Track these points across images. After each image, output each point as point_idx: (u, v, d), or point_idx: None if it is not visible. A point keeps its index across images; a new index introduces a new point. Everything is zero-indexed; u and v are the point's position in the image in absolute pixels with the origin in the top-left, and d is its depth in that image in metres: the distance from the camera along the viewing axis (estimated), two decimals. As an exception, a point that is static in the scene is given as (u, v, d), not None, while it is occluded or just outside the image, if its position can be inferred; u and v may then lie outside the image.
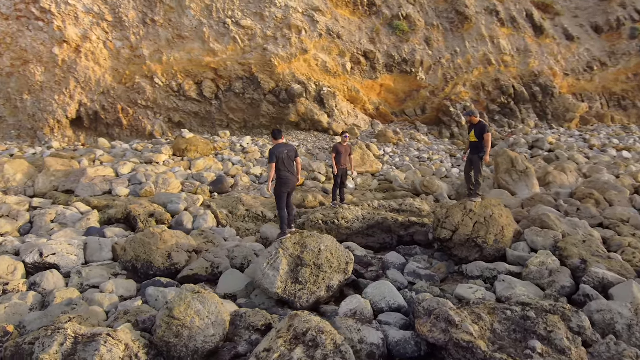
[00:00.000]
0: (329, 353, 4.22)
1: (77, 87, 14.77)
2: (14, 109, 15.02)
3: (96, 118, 15.22)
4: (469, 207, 7.21)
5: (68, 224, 8.08)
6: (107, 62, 14.99)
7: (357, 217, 8.49)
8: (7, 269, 6.02)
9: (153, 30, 15.03)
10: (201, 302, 4.94)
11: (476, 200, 7.37)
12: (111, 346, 4.11)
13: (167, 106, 15.39)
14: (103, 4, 14.60)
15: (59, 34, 14.29)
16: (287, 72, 15.37)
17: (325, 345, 4.40)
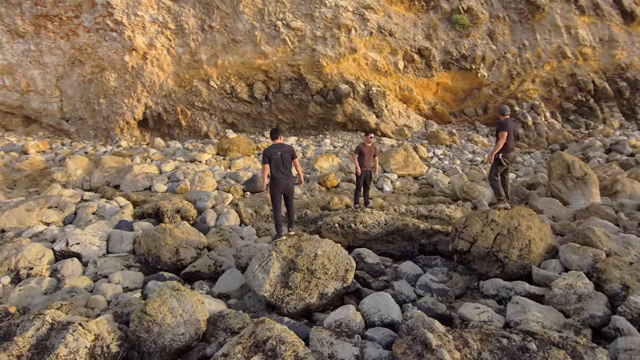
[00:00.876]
0: (283, 365, 4.02)
1: (143, 91, 16.08)
2: (92, 112, 16.80)
3: (159, 119, 16.44)
4: (491, 216, 6.46)
5: (105, 217, 8.78)
6: (170, 67, 16.10)
7: (378, 222, 8.07)
8: (36, 255, 6.68)
9: (210, 36, 15.82)
10: (177, 300, 5.00)
11: (500, 208, 6.58)
12: (78, 335, 4.32)
13: (221, 107, 16.11)
14: (167, 13, 15.71)
15: (129, 43, 15.67)
16: (335, 72, 15.22)
17: (284, 356, 4.21)
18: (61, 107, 17.35)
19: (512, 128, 6.83)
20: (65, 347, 4.18)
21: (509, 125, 6.80)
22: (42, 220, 8.38)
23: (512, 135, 6.80)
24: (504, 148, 6.82)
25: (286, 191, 6.40)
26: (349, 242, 7.92)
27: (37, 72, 17.12)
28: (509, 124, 6.81)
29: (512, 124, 6.86)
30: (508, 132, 6.73)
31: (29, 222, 8.14)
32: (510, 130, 6.76)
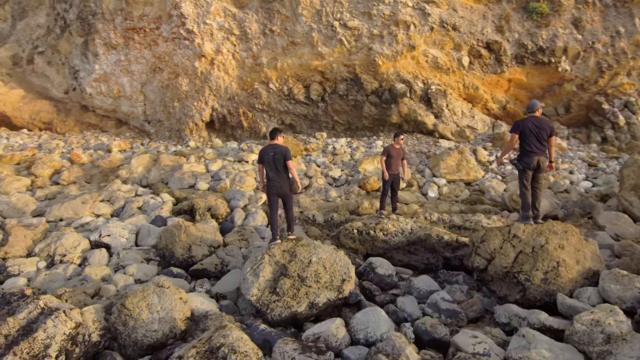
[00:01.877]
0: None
1: (210, 95, 17.10)
2: (168, 114, 18.31)
3: (224, 121, 17.33)
4: (513, 231, 5.59)
5: (147, 211, 9.45)
6: (235, 71, 16.88)
7: (401, 231, 7.52)
8: (72, 244, 7.40)
9: (271, 40, 16.24)
10: (158, 296, 5.14)
11: (527, 223, 5.66)
12: (59, 322, 4.64)
13: (279, 109, 16.45)
14: (232, 20, 16.48)
15: (198, 50, 16.77)
16: (391, 71, 14.61)
17: (233, 365, 4.07)
18: (144, 111, 19.21)
19: (532, 128, 5.86)
20: (43, 331, 4.51)
21: (525, 125, 5.88)
22: (93, 212, 9.30)
23: (531, 136, 5.83)
24: (522, 152, 5.90)
25: (280, 194, 6.24)
26: (366, 250, 7.50)
27: (126, 80, 19.15)
28: (526, 124, 5.89)
29: (531, 124, 5.90)
30: (523, 133, 5.81)
31: (82, 213, 9.09)
32: (527, 131, 5.82)
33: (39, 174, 12.82)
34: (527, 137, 5.94)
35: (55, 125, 20.69)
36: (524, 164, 5.99)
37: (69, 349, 4.71)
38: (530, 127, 5.94)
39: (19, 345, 4.34)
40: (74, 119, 20.94)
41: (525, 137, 5.95)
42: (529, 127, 5.93)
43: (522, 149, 6.10)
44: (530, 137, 5.91)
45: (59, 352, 4.51)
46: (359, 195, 10.50)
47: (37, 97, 21.82)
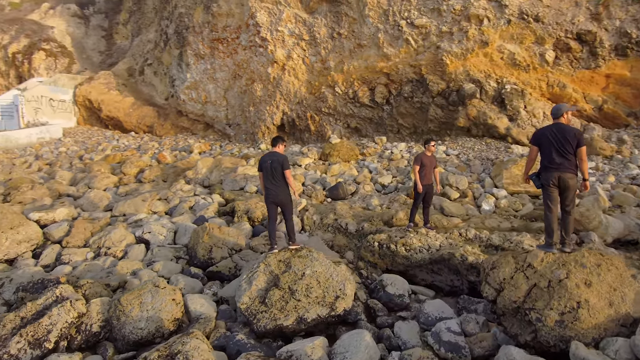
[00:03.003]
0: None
1: (281, 99, 17.68)
2: (245, 118, 19.40)
3: (294, 124, 17.77)
4: (529, 259, 4.73)
5: (197, 211, 10.11)
6: (304, 75, 17.21)
7: (427, 247, 6.92)
8: (119, 238, 8.23)
9: (339, 43, 16.19)
10: (152, 296, 5.46)
11: (549, 251, 4.75)
12: (63, 310, 5.19)
13: (345, 112, 16.31)
14: (302, 25, 16.82)
15: (271, 56, 17.46)
16: (459, 71, 13.49)
17: (185, 373, 4.15)
18: (226, 115, 20.62)
19: (552, 138, 4.87)
20: (48, 318, 5.08)
21: (544, 135, 4.89)
22: (150, 209, 10.24)
23: (550, 148, 4.84)
24: (541, 167, 4.94)
25: (277, 202, 6.15)
26: (386, 265, 7.05)
27: (211, 86, 20.78)
28: (545, 134, 4.90)
29: (552, 133, 4.90)
30: (541, 145, 4.84)
31: (140, 210, 10.08)
32: (546, 141, 4.85)
33: (127, 172, 14.55)
34: (545, 149, 4.98)
35: (156, 129, 23.30)
36: (543, 180, 5.03)
37: (73, 336, 5.25)
38: (550, 137, 4.96)
39: (26, 328, 4.96)
40: (171, 122, 23.34)
41: (544, 149, 5.00)
42: (547, 137, 4.96)
43: (541, 163, 5.14)
44: (549, 149, 4.94)
45: (59, 338, 5.04)
46: (403, 205, 9.90)
47: (143, 104, 24.84)
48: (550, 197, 4.99)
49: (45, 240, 8.45)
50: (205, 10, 19.89)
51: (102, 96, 25.02)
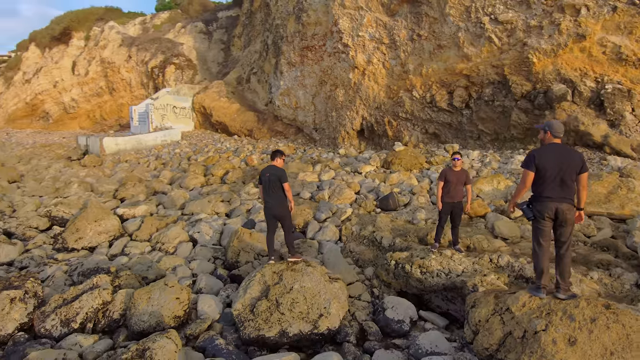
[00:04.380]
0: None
1: (360, 104, 17.65)
2: (328, 123, 19.83)
3: (372, 129, 17.58)
4: (509, 302, 4.05)
5: (251, 214, 10.78)
6: (384, 80, 16.91)
7: (447, 271, 6.40)
8: (174, 235, 9.26)
9: (418, 45, 15.52)
10: (160, 292, 6.11)
11: (536, 295, 4.00)
12: (90, 297, 6.13)
13: (422, 117, 15.55)
14: (383, 29, 16.54)
15: (352, 62, 17.56)
16: (548, 70, 11.78)
17: (150, 368, 4.63)
18: (314, 120, 21.34)
19: (554, 163, 4.01)
20: (79, 302, 6.07)
21: (544, 158, 4.04)
22: (214, 210, 11.24)
23: (551, 175, 4.01)
24: (535, 195, 4.11)
25: (275, 215, 6.26)
26: (400, 286, 6.69)
27: (301, 92, 21.71)
28: (545, 156, 4.05)
29: (553, 156, 4.03)
30: (539, 170, 4.01)
31: (205, 210, 11.14)
32: (545, 166, 4.01)
33: (214, 173, 16.14)
34: (544, 175, 4.14)
35: (254, 132, 25.22)
36: (536, 211, 4.20)
37: (99, 320, 6.17)
38: (551, 162, 4.11)
39: (61, 308, 5.99)
40: (268, 127, 25.02)
41: (542, 175, 4.15)
42: (548, 162, 4.12)
43: (535, 191, 4.28)
44: (549, 175, 4.11)
45: (85, 320, 5.98)
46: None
47: (247, 110, 27.09)
48: (542, 232, 4.20)
49: (122, 233, 9.94)
50: (297, 20, 20.85)
51: (213, 103, 28.02)
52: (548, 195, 4.13)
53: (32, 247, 9.30)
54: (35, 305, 6.23)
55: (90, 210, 9.76)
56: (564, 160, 4.14)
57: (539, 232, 4.22)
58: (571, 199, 4.17)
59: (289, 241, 6.44)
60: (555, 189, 4.12)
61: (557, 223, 4.16)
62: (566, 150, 4.25)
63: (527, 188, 4.31)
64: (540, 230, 4.22)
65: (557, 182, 4.11)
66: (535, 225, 4.28)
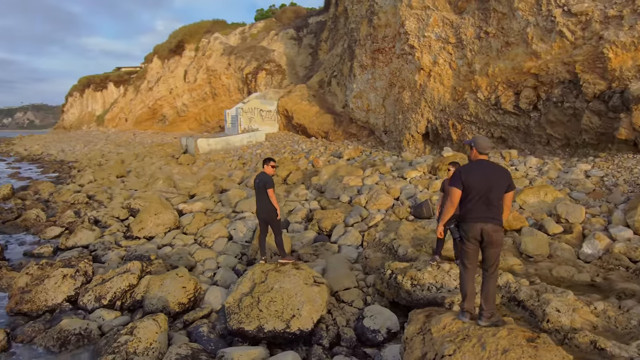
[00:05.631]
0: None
1: (425, 106, 17.12)
2: (395, 126, 19.57)
3: (437, 133, 16.94)
4: (433, 322, 3.90)
5: (291, 215, 11.35)
6: (450, 81, 16.19)
7: (438, 285, 6.24)
8: (214, 231, 10.24)
9: (486, 43, 14.56)
10: (171, 280, 7.01)
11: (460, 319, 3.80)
12: (119, 279, 7.25)
13: (487, 120, 14.54)
14: (449, 28, 15.84)
15: (417, 63, 17.12)
16: (627, 66, 10.18)
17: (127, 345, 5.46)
18: (384, 122, 21.21)
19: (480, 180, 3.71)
20: (110, 282, 7.22)
21: (470, 175, 3.74)
22: (260, 209, 12.05)
23: (476, 194, 3.71)
24: (461, 215, 3.83)
25: (263, 219, 6.65)
26: (392, 296, 6.65)
27: (372, 95, 21.74)
28: (472, 174, 3.74)
29: (480, 174, 3.71)
30: (466, 188, 3.73)
31: (252, 209, 12.01)
32: (472, 184, 3.71)
33: (278, 174, 17.11)
34: (470, 194, 3.84)
35: (330, 135, 25.88)
36: (462, 232, 3.89)
37: (126, 299, 7.26)
38: (477, 180, 3.80)
39: (97, 286, 7.21)
40: (343, 129, 25.48)
41: (468, 194, 3.86)
42: (474, 180, 3.81)
43: (461, 211, 3.95)
44: (475, 194, 3.82)
45: (113, 298, 7.10)
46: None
47: (325, 112, 27.88)
48: (467, 254, 3.92)
49: (177, 226, 11.27)
50: (369, 23, 20.93)
51: (295, 106, 29.40)
52: (473, 215, 3.88)
53: (107, 234, 11.09)
54: (82, 282, 7.58)
55: (152, 205, 11.27)
56: (490, 178, 3.86)
57: (464, 253, 3.98)
58: (498, 220, 3.86)
59: (278, 243, 6.82)
60: (480, 208, 3.85)
61: (482, 245, 3.88)
62: (493, 168, 3.95)
63: (454, 207, 4.08)
64: (465, 252, 3.97)
65: (483, 202, 3.85)
66: (461, 246, 4.03)
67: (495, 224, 3.84)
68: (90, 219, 12.54)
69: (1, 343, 6.05)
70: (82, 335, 6.14)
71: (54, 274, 7.38)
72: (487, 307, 3.77)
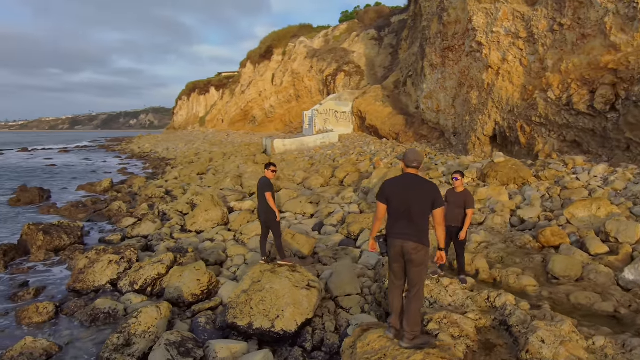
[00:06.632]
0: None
1: (493, 107, 15.93)
2: (463, 128, 18.49)
3: (505, 136, 15.66)
4: (361, 338, 3.79)
5: (329, 217, 11.51)
6: (520, 79, 14.87)
7: (432, 300, 5.99)
8: (252, 229, 10.80)
9: (560, 36, 13.10)
10: (189, 273, 7.69)
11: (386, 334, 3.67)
12: (150, 268, 8.13)
13: (558, 122, 13.04)
14: (520, 21, 14.54)
15: (485, 61, 16.01)
16: None
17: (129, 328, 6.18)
18: (453, 124, 20.19)
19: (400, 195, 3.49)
20: (143, 271, 8.14)
21: (392, 189, 3.54)
22: (303, 210, 12.42)
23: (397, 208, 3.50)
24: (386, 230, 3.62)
25: (263, 221, 6.86)
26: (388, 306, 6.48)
27: (442, 95, 20.82)
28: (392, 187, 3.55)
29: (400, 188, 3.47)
30: (389, 202, 3.52)
31: (295, 209, 12.44)
32: (392, 199, 3.50)
33: (337, 175, 17.38)
34: (391, 209, 3.63)
35: (400, 136, 25.32)
36: (387, 248, 3.65)
37: (156, 286, 8.13)
38: (397, 194, 3.57)
39: (133, 273, 8.17)
40: (414, 131, 24.75)
41: (390, 209, 3.64)
42: (394, 194, 3.58)
43: (386, 226, 3.69)
44: (395, 209, 3.61)
45: (144, 284, 8.00)
46: (521, 249, 7.78)
47: (398, 113, 27.32)
48: (392, 269, 3.71)
49: (225, 222, 12.13)
50: (439, 21, 20.06)
51: (368, 107, 29.30)
52: (394, 232, 3.69)
53: (167, 226, 12.37)
54: (125, 268, 8.64)
55: (204, 202, 12.29)
56: (409, 193, 3.62)
57: (390, 269, 3.79)
58: (418, 238, 3.59)
59: (277, 245, 7.04)
60: (401, 224, 3.64)
61: (405, 263, 3.65)
62: (416, 182, 3.68)
63: (379, 221, 3.90)
64: (391, 268, 3.78)
65: (404, 217, 3.63)
66: (388, 262, 3.84)
67: (415, 242, 3.63)
68: (160, 212, 14.06)
69: (50, 314, 7.24)
70: (110, 314, 7.06)
71: (102, 259, 8.55)
72: (409, 329, 3.58)
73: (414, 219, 3.67)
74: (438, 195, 3.75)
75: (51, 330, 6.88)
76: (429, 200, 3.68)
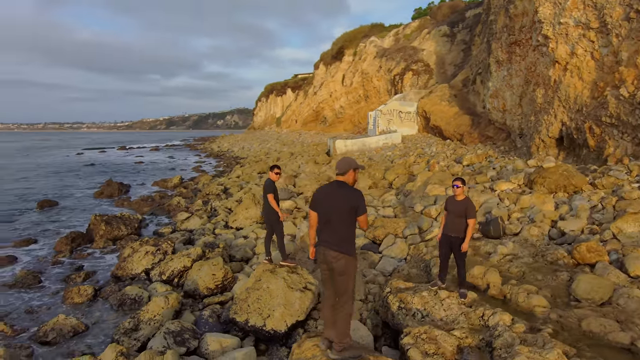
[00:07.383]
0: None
1: (559, 106, 14.46)
2: (527, 129, 17.01)
3: (572, 138, 14.13)
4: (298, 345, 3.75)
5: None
6: (591, 74, 13.32)
7: (425, 313, 5.78)
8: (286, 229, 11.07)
9: (636, 25, 11.50)
10: (207, 267, 8.16)
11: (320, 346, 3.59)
12: (177, 261, 8.74)
13: (632, 123, 11.42)
14: (592, 9, 13.02)
15: (552, 56, 14.60)
16: None
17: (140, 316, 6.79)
18: (520, 124, 18.67)
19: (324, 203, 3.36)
20: (171, 263, 8.78)
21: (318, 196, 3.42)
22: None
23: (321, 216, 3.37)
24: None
25: (268, 222, 6.99)
26: (384, 316, 6.34)
27: (508, 94, 19.36)
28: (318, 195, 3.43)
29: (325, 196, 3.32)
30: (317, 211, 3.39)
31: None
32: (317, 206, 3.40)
33: (386, 177, 17.06)
34: (319, 216, 3.58)
35: (465, 137, 23.97)
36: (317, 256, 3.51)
37: (182, 277, 8.73)
38: (321, 202, 3.55)
39: (163, 264, 8.86)
40: (479, 132, 23.29)
41: (318, 217, 3.55)
42: (319, 201, 3.50)
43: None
44: (320, 217, 3.56)
45: (171, 275, 8.65)
46: (551, 264, 7.02)
47: (464, 113, 25.89)
48: (322, 279, 3.57)
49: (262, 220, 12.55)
50: (505, 14, 18.67)
51: (433, 107, 28.18)
52: (320, 239, 3.61)
53: (212, 222, 13.16)
54: (160, 259, 9.39)
55: (245, 201, 12.85)
56: (331, 200, 3.51)
57: (321, 277, 3.67)
58: (338, 246, 3.44)
59: (280, 246, 7.13)
60: (325, 232, 3.56)
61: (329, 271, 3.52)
62: (339, 190, 3.53)
63: (312, 229, 3.80)
64: (321, 275, 3.67)
65: (327, 225, 3.53)
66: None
67: (336, 250, 3.52)
68: (212, 208, 14.99)
69: (89, 296, 8.16)
70: (136, 300, 7.76)
71: (141, 250, 9.39)
72: (337, 339, 3.46)
73: (335, 226, 3.59)
74: (361, 202, 3.62)
75: (85, 310, 7.74)
76: (350, 208, 3.56)
